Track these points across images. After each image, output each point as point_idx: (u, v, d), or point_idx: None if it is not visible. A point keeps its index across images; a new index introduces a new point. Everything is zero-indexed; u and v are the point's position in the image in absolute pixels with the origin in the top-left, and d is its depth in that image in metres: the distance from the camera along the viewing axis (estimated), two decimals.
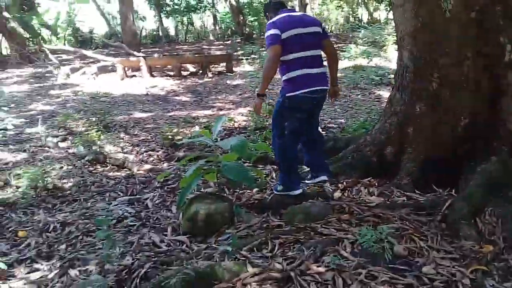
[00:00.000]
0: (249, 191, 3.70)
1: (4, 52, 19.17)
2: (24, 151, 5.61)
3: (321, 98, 3.51)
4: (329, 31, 24.62)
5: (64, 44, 19.83)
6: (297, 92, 3.30)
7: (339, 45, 17.80)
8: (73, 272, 2.70)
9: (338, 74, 3.76)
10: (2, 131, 6.10)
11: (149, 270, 2.56)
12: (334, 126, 6.66)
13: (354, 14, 26.03)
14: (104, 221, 2.83)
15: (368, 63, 11.75)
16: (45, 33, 19.83)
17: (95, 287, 2.19)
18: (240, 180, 3.19)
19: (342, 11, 24.94)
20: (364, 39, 14.20)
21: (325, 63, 3.55)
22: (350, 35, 16.58)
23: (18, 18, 16.58)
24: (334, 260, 2.38)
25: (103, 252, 2.78)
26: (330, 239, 2.66)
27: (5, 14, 15.38)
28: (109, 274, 2.55)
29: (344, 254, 2.48)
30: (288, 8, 3.67)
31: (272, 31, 3.24)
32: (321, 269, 2.32)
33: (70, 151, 5.56)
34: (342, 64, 13.23)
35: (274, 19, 3.35)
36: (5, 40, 17.65)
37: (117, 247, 2.80)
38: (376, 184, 3.57)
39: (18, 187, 4.23)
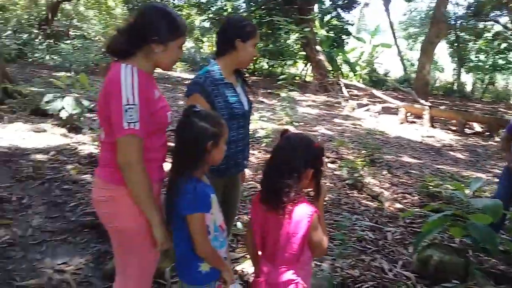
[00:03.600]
0: (494, 260, 3.49)
1: (307, 79, 22.08)
2: None
3: None
4: None
5: (358, 81, 21.47)
6: None
7: None
8: None
9: None
10: None
11: (370, 287, 2.82)
12: None
13: None
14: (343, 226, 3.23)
15: None
16: (345, 68, 21.98)
17: (322, 278, 2.58)
18: (484, 244, 3.06)
19: None
20: None
21: None
22: None
23: (326, 53, 19.03)
24: None
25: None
26: None
27: (317, 47, 17.87)
28: (337, 274, 2.91)
29: None
30: None
31: None
32: None
33: (336, 172, 6.22)
34: None
35: None
36: (311, 69, 20.43)
37: (351, 258, 3.15)
38: None
39: None
